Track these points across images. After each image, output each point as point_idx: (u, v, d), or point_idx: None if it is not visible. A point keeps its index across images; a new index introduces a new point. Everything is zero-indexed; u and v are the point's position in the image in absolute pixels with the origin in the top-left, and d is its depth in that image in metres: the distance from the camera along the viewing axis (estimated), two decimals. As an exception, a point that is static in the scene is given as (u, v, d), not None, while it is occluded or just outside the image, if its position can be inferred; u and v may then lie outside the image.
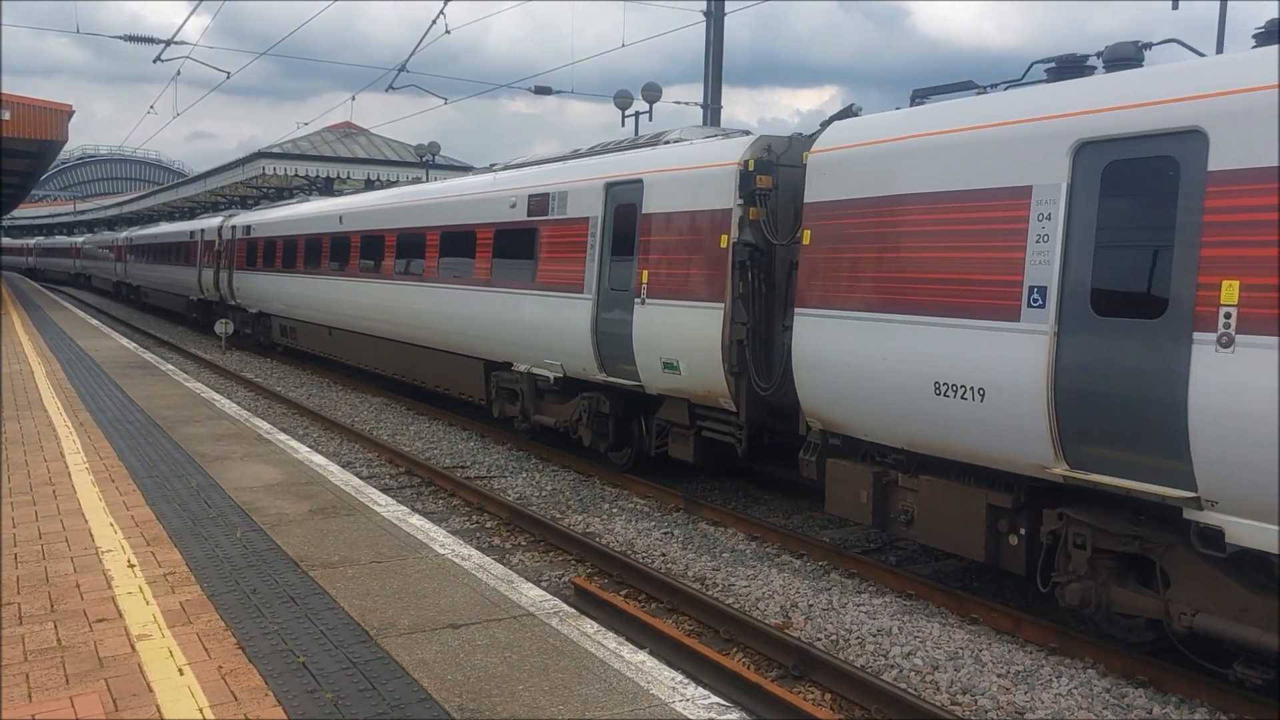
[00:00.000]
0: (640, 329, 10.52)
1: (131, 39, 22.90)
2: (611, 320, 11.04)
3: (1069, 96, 6.70)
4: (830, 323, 8.18)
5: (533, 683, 4.52)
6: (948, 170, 7.28)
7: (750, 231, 9.44)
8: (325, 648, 4.88)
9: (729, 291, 9.43)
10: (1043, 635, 7.11)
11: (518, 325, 12.94)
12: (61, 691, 4.35)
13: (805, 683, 6.43)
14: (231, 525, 7.09)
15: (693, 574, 8.57)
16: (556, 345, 12.05)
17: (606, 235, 11.30)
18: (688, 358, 9.90)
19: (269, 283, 24.30)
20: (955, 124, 7.37)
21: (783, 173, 9.53)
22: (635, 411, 11.52)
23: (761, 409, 9.64)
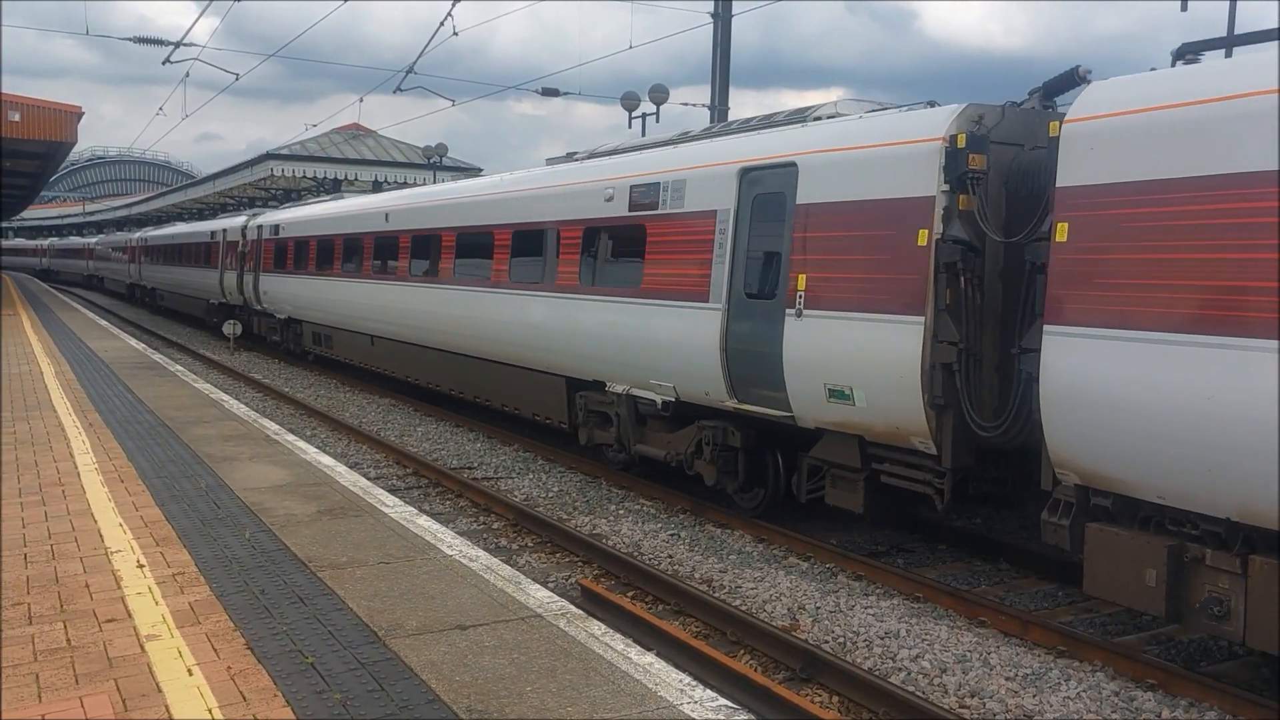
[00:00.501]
0: (795, 347, 8.58)
1: (140, 41, 23.00)
2: (749, 335, 9.15)
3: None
4: (1108, 346, 6.17)
5: (540, 684, 4.52)
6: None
7: (961, 225, 7.43)
8: (334, 648, 4.89)
9: (930, 302, 7.49)
10: (1051, 638, 7.09)
11: (615, 339, 11.09)
12: (71, 692, 4.36)
13: (813, 685, 6.42)
14: (240, 526, 7.10)
15: (700, 576, 8.57)
16: (668, 364, 10.21)
17: (741, 232, 9.37)
18: (867, 385, 7.96)
19: (301, 286, 22.37)
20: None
21: (992, 151, 7.59)
22: (769, 444, 9.64)
23: (970, 451, 7.67)
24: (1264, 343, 5.40)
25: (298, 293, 22.77)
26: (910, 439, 7.82)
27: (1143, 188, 6.15)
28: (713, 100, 21.35)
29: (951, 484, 7.76)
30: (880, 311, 7.88)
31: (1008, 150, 7.64)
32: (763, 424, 9.40)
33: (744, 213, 9.39)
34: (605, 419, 11.73)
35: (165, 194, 62.27)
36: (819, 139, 8.89)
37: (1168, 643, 7.19)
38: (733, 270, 9.38)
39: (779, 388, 8.83)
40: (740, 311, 9.31)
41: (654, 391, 10.56)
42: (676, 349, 10.05)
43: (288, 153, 36.21)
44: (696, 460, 10.23)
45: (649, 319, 10.48)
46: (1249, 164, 5.62)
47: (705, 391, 9.77)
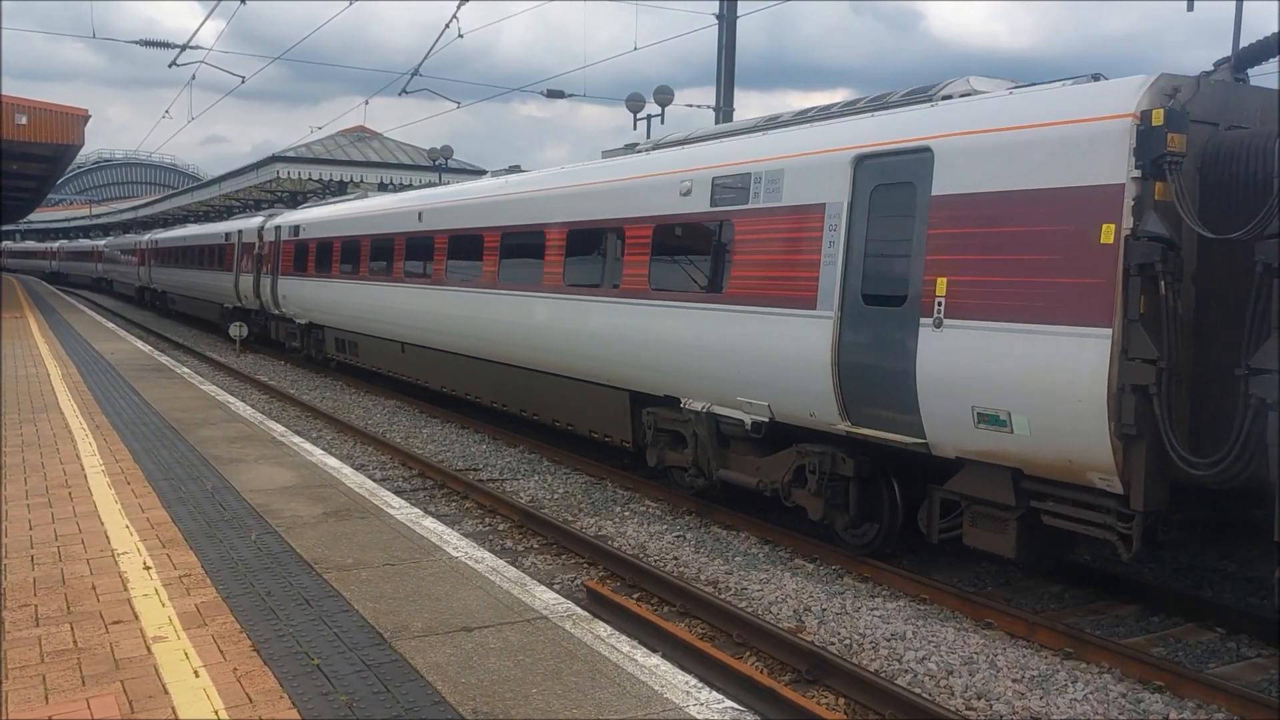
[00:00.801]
0: (933, 362, 7.34)
1: (147, 44, 23.06)
2: (870, 348, 7.95)
3: None
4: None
5: (546, 686, 4.52)
6: None
7: (1158, 218, 6.28)
8: (339, 650, 4.89)
9: (1119, 311, 6.30)
10: (1058, 640, 7.07)
11: (692, 350, 9.87)
12: (78, 693, 4.37)
13: (819, 687, 6.41)
14: (246, 527, 7.11)
15: (705, 577, 8.56)
16: (760, 379, 9.01)
17: (858, 228, 8.14)
18: (1031, 409, 6.73)
19: (324, 290, 21.14)
20: None
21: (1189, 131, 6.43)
22: (884, 472, 8.50)
23: (1166, 490, 6.49)
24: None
25: (320, 297, 21.54)
26: (1087, 475, 6.61)
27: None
28: (718, 102, 21.35)
29: (1142, 528, 6.52)
30: (1051, 322, 6.63)
31: (1202, 130, 6.54)
32: (878, 449, 8.23)
33: (861, 206, 8.16)
34: (678, 439, 10.54)
35: (171, 196, 62.49)
36: (959, 119, 7.65)
37: (1175, 644, 7.17)
38: (847, 272, 8.14)
39: (909, 410, 7.58)
40: (857, 320, 8.06)
41: (742, 410, 9.36)
42: (772, 362, 8.82)
43: (293, 155, 36.30)
44: (795, 490, 8.97)
45: (737, 328, 9.26)
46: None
47: (810, 412, 8.53)
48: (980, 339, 7.05)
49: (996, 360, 6.95)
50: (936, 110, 8.09)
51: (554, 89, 25.50)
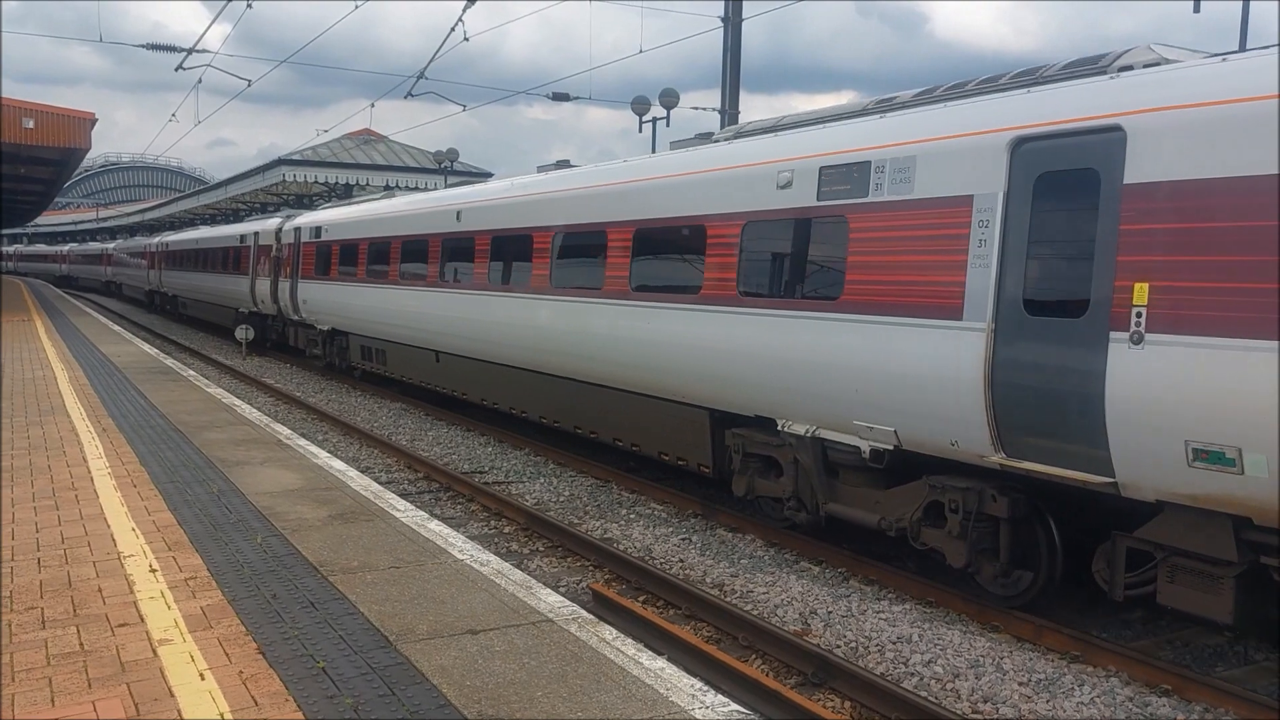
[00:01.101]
0: (1130, 385, 6.11)
1: (153, 47, 23.11)
2: (1035, 365, 6.70)
3: None
4: None
5: (551, 689, 4.51)
6: None
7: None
8: (345, 653, 4.89)
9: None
10: (1064, 643, 7.05)
11: (794, 365, 8.65)
12: (84, 696, 4.38)
13: (825, 690, 6.40)
14: (252, 530, 7.12)
15: (711, 580, 8.55)
16: (885, 400, 7.80)
17: (1017, 223, 6.91)
18: (1273, 447, 5.53)
19: (349, 295, 19.91)
20: None
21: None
22: (1037, 511, 7.36)
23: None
24: None
25: (345, 302, 20.25)
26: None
27: None
28: (723, 104, 21.36)
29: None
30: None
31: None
32: (1034, 485, 7.08)
33: (1020, 196, 6.93)
34: (771, 466, 9.43)
35: (178, 200, 62.70)
36: (1157, 93, 6.37)
37: (1183, 647, 7.14)
38: (1003, 275, 6.92)
39: (1093, 442, 6.38)
40: (1018, 331, 6.82)
41: (858, 435, 8.17)
42: (902, 380, 7.61)
43: (299, 158, 36.39)
44: (928, 530, 7.81)
45: (854, 340, 8.04)
46: None
47: (951, 440, 7.34)
48: (1205, 358, 5.77)
49: (1226, 384, 5.69)
50: (1122, 82, 6.74)
51: (559, 92, 25.52)
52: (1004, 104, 7.46)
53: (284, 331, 25.62)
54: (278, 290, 24.84)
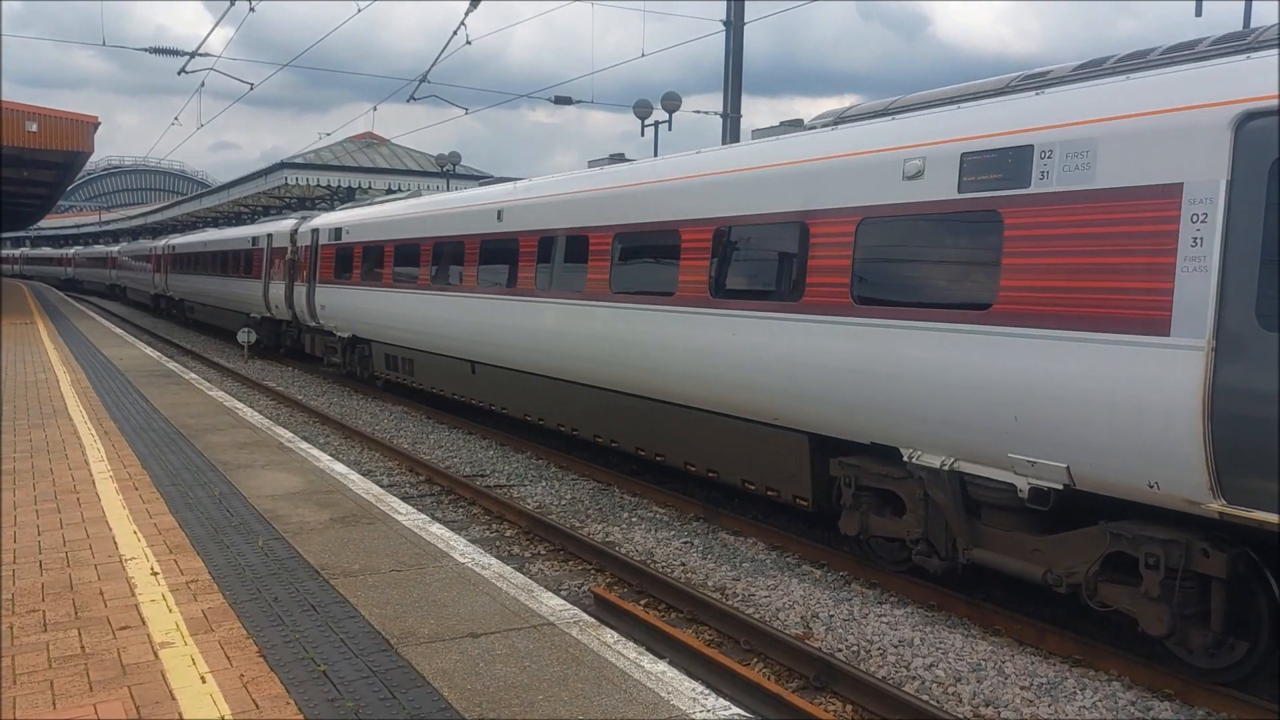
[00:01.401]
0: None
1: (156, 51, 23.17)
2: (1272, 393, 5.49)
3: None
4: None
5: (552, 692, 4.51)
6: None
7: None
8: (346, 656, 4.89)
9: None
10: (1066, 647, 7.04)
11: (928, 384, 7.41)
12: (85, 699, 4.38)
13: (826, 694, 6.39)
14: (253, 533, 7.12)
15: (713, 583, 8.55)
16: (1055, 429, 6.57)
17: (1246, 219, 5.70)
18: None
19: (372, 301, 18.71)
20: None
21: None
22: (1255, 569, 6.16)
23: None
24: None
25: (368, 308, 19.02)
26: None
27: None
28: (725, 108, 21.37)
29: None
30: None
31: None
32: (1251, 536, 5.98)
33: (1250, 185, 5.69)
34: (889, 501, 8.31)
35: (181, 203, 62.81)
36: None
37: (1185, 652, 7.12)
38: (1225, 283, 5.71)
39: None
40: (1251, 352, 5.60)
41: (1013, 470, 6.96)
42: (1080, 408, 6.37)
43: (302, 161, 36.45)
44: (1107, 586, 6.65)
45: (1012, 357, 6.79)
46: None
47: (1150, 481, 6.10)
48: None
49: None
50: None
51: (562, 95, 25.57)
52: (1204, 75, 6.22)
53: (299, 338, 24.51)
54: (293, 295, 23.70)
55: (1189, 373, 5.83)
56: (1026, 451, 6.83)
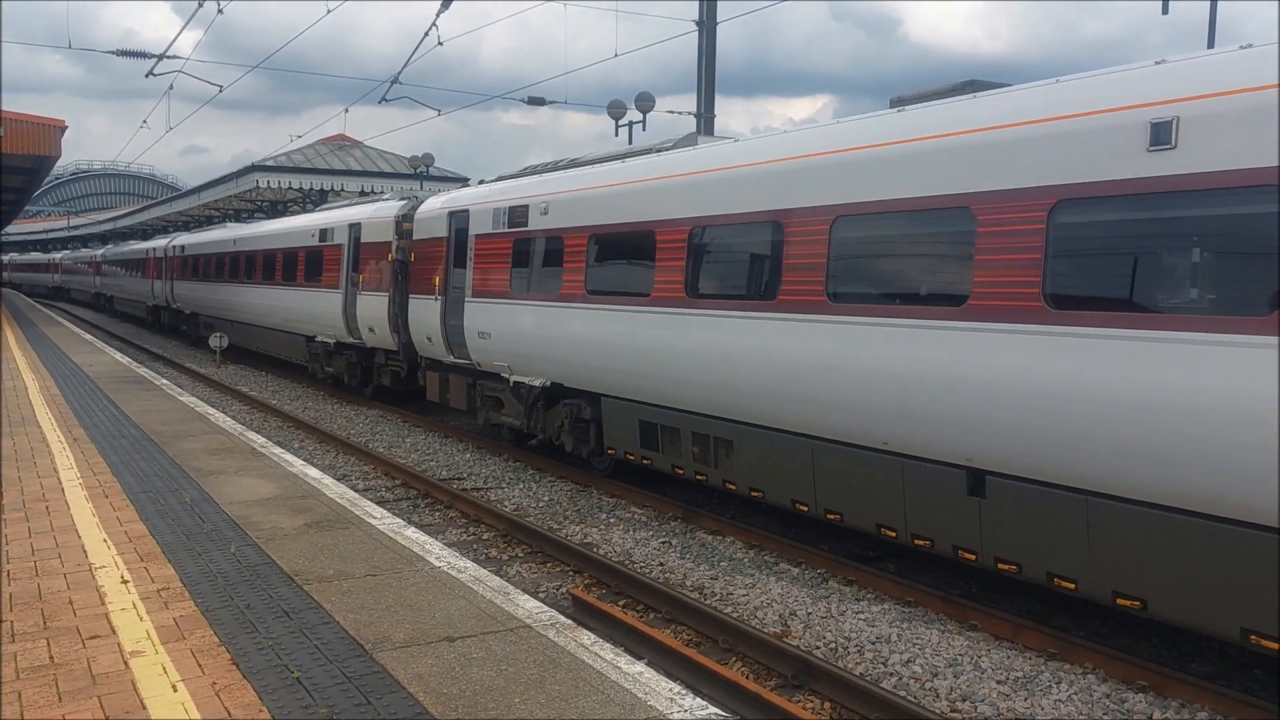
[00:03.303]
0: None
1: (123, 54, 22.91)
2: None
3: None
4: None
5: (529, 695, 4.48)
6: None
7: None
8: (320, 662, 4.84)
9: None
10: (1042, 641, 7.08)
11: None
12: (54, 709, 4.31)
13: (805, 691, 6.40)
14: (226, 540, 7.05)
15: (691, 583, 8.54)
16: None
17: None
18: None
19: (621, 326, 10.86)
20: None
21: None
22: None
23: None
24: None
25: (604, 340, 11.17)
26: None
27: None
28: (699, 108, 21.39)
29: None
30: None
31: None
32: None
33: None
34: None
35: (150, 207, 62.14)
36: None
37: (1159, 644, 7.19)
38: None
39: None
40: None
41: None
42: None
43: (273, 164, 36.15)
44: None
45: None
46: None
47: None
48: None
49: None
50: None
51: (535, 96, 25.49)
52: None
53: (410, 376, 17.12)
54: (408, 313, 16.15)
55: None
56: None
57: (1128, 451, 6.03)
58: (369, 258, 17.85)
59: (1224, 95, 5.74)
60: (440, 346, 14.99)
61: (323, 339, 20.22)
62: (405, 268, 16.51)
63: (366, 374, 19.07)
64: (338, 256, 19.31)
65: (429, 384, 16.04)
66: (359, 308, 18.20)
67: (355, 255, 18.55)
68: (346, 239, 18.92)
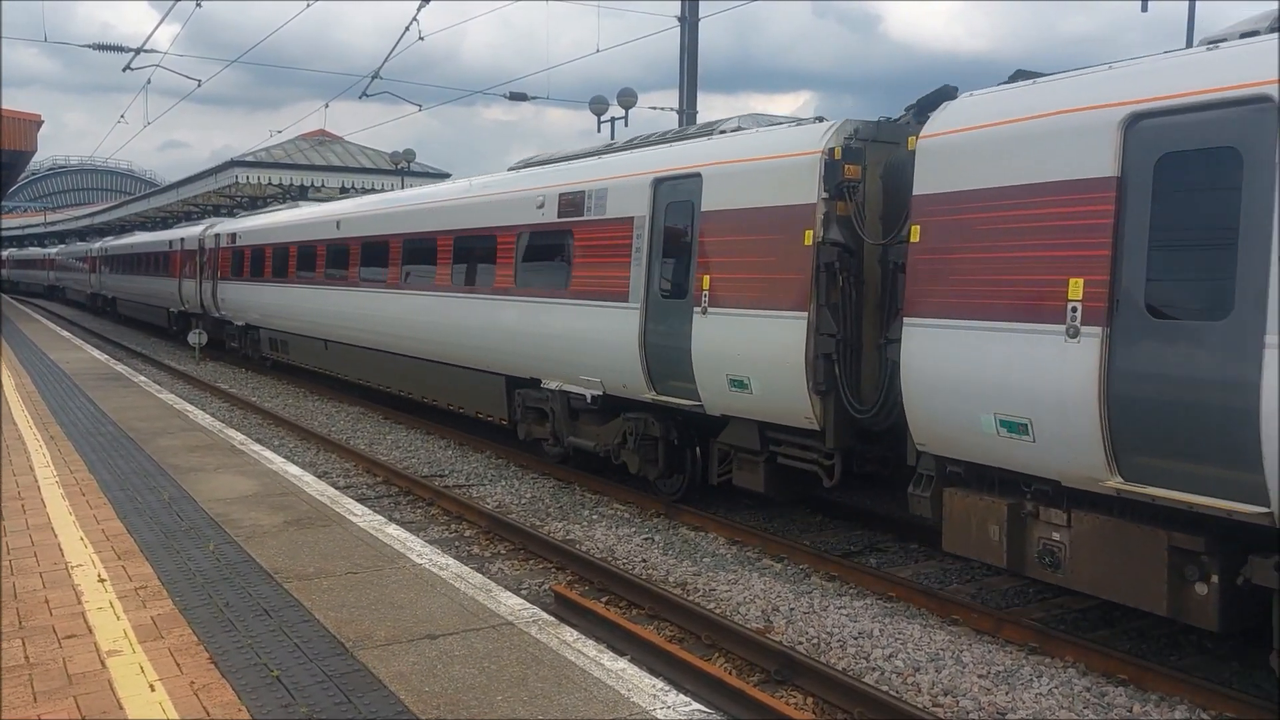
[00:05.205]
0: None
1: (100, 48, 22.67)
2: None
3: None
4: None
5: (511, 693, 4.46)
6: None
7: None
8: (300, 661, 4.80)
9: None
10: (1023, 635, 7.11)
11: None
12: (30, 710, 4.25)
13: (787, 687, 6.40)
14: (204, 538, 6.98)
15: (674, 579, 8.53)
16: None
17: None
18: None
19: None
20: None
21: None
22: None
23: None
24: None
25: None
26: None
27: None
28: (681, 104, 21.37)
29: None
30: None
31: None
32: None
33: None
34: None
35: (128, 202, 61.54)
36: None
37: (1139, 637, 7.24)
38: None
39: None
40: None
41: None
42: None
43: (252, 159, 35.89)
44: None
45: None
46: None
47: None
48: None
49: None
50: None
51: (517, 92, 25.38)
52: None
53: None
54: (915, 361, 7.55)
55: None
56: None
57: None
58: (735, 239, 9.04)
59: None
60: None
61: (570, 387, 11.35)
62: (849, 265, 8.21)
63: (674, 457, 10.39)
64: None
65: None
66: (703, 338, 9.24)
67: (679, 238, 9.77)
68: (649, 204, 9.87)
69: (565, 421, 11.45)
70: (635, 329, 9.83)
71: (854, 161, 8.02)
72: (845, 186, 8.00)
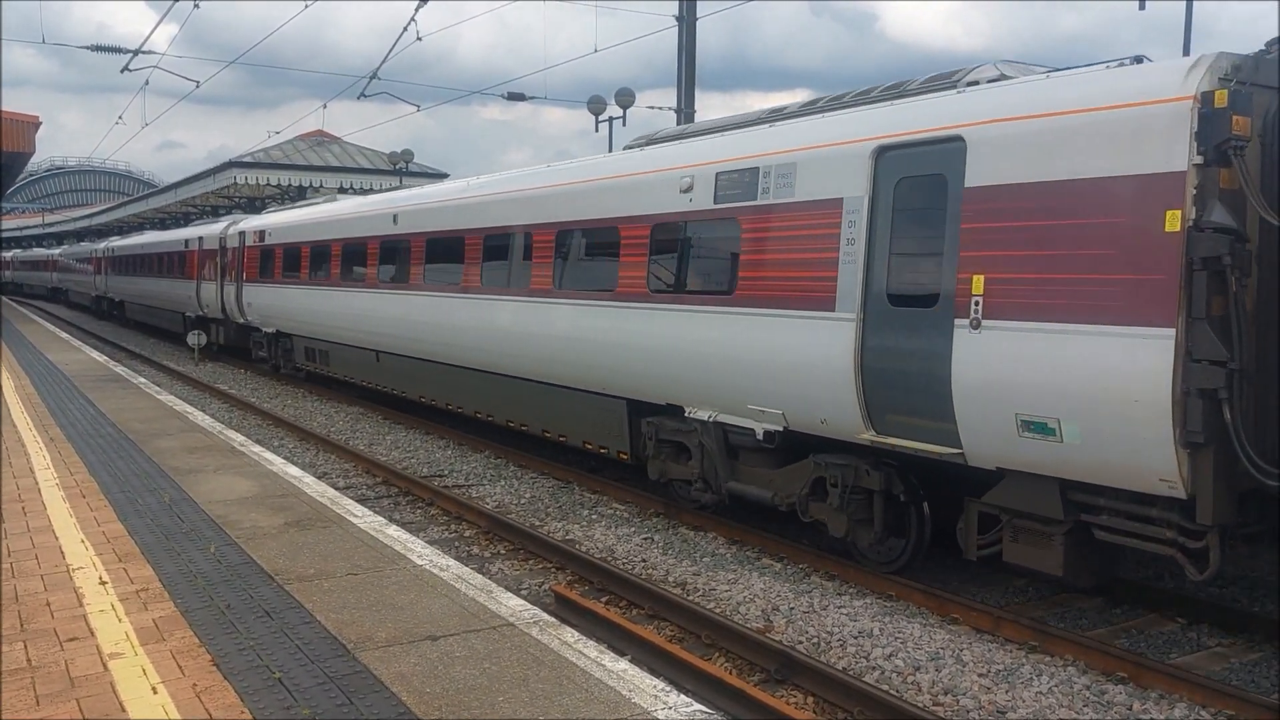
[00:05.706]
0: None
1: (98, 49, 22.66)
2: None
3: None
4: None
5: (513, 694, 4.47)
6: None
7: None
8: (301, 662, 4.81)
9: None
10: (1023, 633, 7.13)
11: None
12: (32, 713, 4.26)
13: (788, 686, 6.42)
14: (205, 540, 6.99)
15: (673, 579, 8.54)
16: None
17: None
18: None
19: None
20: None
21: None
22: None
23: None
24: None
25: None
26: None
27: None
28: (679, 103, 21.38)
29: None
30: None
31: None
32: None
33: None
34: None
35: (127, 203, 61.49)
36: None
37: (1138, 635, 7.26)
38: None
39: None
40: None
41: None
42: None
43: (250, 160, 35.87)
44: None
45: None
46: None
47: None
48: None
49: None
50: None
51: (514, 91, 25.40)
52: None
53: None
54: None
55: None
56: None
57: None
58: (1028, 225, 7.26)
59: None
60: None
61: (730, 419, 9.31)
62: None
63: (894, 516, 8.43)
64: (822, 229, 8.63)
65: None
66: (974, 362, 7.09)
67: (923, 225, 7.72)
68: (868, 181, 7.92)
69: (722, 461, 9.15)
70: (847, 347, 7.56)
71: (1242, 111, 5.72)
72: (1232, 146, 5.69)
